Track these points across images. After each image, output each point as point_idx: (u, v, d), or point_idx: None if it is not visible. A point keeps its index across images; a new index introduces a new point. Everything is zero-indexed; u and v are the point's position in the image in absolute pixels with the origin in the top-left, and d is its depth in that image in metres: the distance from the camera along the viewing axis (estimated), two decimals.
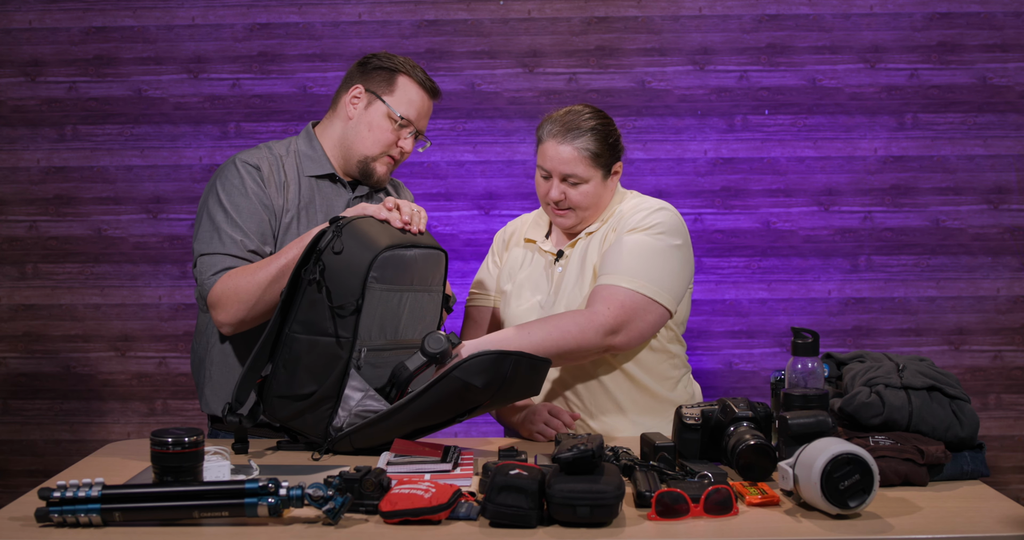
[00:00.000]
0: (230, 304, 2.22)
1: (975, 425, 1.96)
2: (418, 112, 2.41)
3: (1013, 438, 3.82)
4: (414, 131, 2.41)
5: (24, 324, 3.86)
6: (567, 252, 2.40)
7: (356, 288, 2.04)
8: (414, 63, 2.44)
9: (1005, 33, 3.74)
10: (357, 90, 2.40)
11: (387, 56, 2.43)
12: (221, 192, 2.31)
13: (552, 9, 3.78)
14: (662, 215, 2.31)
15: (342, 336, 2.04)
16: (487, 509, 1.65)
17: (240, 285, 2.21)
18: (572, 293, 2.34)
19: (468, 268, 3.77)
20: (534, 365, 2.04)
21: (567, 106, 2.39)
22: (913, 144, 3.78)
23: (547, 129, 2.33)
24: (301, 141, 2.44)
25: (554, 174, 2.32)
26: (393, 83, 2.39)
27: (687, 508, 1.70)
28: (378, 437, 2.08)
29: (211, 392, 2.37)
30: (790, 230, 3.80)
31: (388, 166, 2.42)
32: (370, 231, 2.09)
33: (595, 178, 2.32)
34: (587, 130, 2.30)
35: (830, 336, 3.78)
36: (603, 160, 2.32)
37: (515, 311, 2.42)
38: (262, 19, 3.79)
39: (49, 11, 3.79)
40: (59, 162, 3.83)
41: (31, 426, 3.88)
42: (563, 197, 2.33)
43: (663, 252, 2.27)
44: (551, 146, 2.31)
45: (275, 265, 2.19)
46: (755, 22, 3.77)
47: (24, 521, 1.69)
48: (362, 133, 2.38)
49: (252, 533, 1.64)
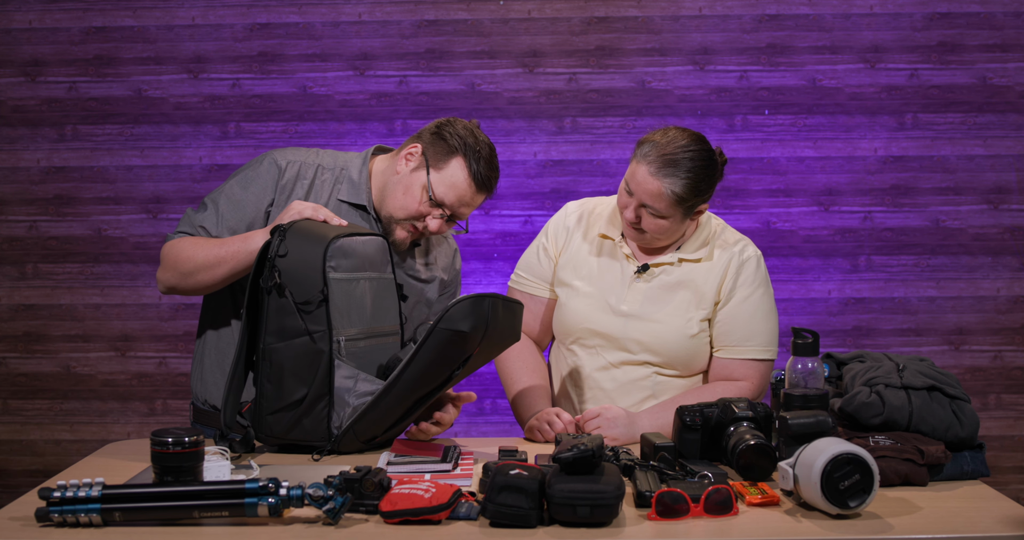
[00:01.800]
0: (168, 267, 2.27)
1: (975, 425, 1.96)
2: (458, 199, 2.26)
3: (1013, 438, 3.82)
4: (447, 215, 2.29)
5: (24, 324, 3.86)
6: (653, 269, 2.34)
7: (317, 280, 2.05)
8: (486, 149, 2.27)
9: (1005, 33, 3.74)
10: (415, 148, 2.29)
11: (465, 130, 2.28)
12: (239, 174, 2.34)
13: (552, 9, 3.78)
14: (759, 265, 2.37)
15: (317, 330, 2.05)
16: (487, 509, 1.65)
17: (181, 256, 2.25)
18: (655, 316, 2.31)
19: (468, 268, 3.77)
20: (509, 306, 2.06)
21: (675, 128, 2.28)
22: (913, 144, 3.78)
23: (643, 152, 2.23)
24: (354, 162, 2.37)
25: (636, 196, 2.24)
26: (447, 161, 2.25)
27: (687, 508, 1.69)
28: (382, 420, 2.07)
29: (200, 386, 2.39)
30: (790, 230, 3.80)
31: (409, 233, 2.30)
32: (314, 228, 2.11)
33: (675, 216, 2.26)
34: (684, 172, 2.20)
35: (830, 336, 3.78)
36: (688, 204, 2.25)
37: (581, 307, 2.36)
38: (262, 19, 3.79)
39: (49, 11, 3.79)
40: (59, 162, 3.83)
41: (31, 426, 3.88)
42: (638, 220, 2.27)
43: (770, 310, 2.37)
44: (641, 171, 2.22)
45: (214, 252, 2.21)
46: (755, 22, 3.77)
47: (24, 521, 1.69)
48: (397, 193, 2.28)
49: (252, 533, 1.64)
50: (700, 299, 2.32)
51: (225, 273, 2.21)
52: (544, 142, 3.80)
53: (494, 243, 3.80)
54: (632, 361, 2.33)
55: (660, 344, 2.30)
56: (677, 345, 2.30)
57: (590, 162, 3.80)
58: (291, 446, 2.12)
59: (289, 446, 2.12)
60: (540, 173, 3.80)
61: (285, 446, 2.12)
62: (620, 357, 2.33)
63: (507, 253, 3.79)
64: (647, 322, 2.31)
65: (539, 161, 3.80)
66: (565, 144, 3.80)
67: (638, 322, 2.31)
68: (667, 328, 2.30)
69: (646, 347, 2.31)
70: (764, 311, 2.34)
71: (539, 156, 3.80)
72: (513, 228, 3.79)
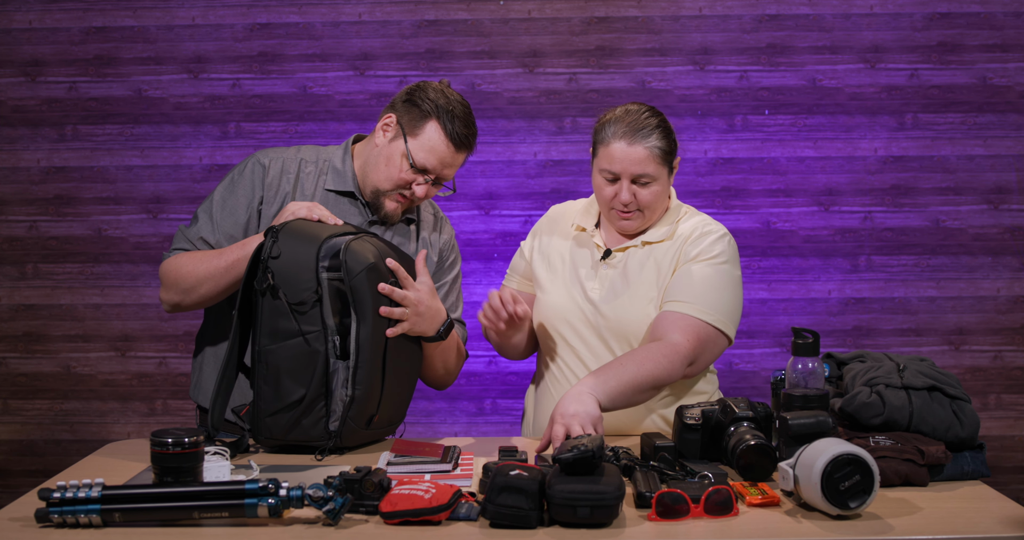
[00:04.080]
0: (169, 286, 2.27)
1: (975, 425, 1.96)
2: (439, 162, 2.29)
3: (1013, 438, 3.82)
4: (432, 179, 2.31)
5: (24, 324, 3.86)
6: (618, 254, 2.36)
7: (311, 281, 2.05)
8: (458, 107, 2.29)
9: (1005, 33, 3.74)
10: (390, 119, 2.31)
11: (435, 92, 2.29)
12: (225, 180, 2.35)
13: (552, 9, 3.78)
14: (725, 243, 2.32)
15: (313, 331, 2.05)
16: (487, 509, 1.65)
17: (182, 272, 2.24)
18: (620, 299, 2.31)
19: (468, 268, 3.77)
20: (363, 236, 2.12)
21: (618, 106, 2.33)
22: (913, 144, 3.78)
23: (611, 130, 2.27)
24: (337, 153, 2.38)
25: (624, 176, 2.27)
26: (421, 126, 2.27)
27: (687, 509, 1.69)
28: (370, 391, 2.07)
29: (197, 388, 2.39)
30: (790, 230, 3.80)
31: (399, 204, 2.32)
32: (307, 227, 2.11)
33: (663, 176, 2.29)
34: (654, 128, 2.26)
35: (830, 336, 3.78)
36: (669, 157, 2.30)
37: (552, 299, 2.37)
38: (262, 19, 3.79)
39: (49, 11, 3.79)
40: (59, 162, 3.83)
41: (31, 426, 3.88)
42: (633, 199, 2.28)
43: (728, 283, 2.29)
44: (619, 148, 2.25)
45: (214, 263, 2.21)
46: (755, 22, 3.77)
47: (24, 521, 1.69)
48: (379, 165, 2.30)
49: (252, 534, 1.64)
50: (660, 276, 2.31)
51: (228, 282, 2.21)
52: (544, 142, 3.80)
53: (494, 243, 3.80)
54: (601, 349, 2.31)
55: (625, 327, 2.29)
56: (641, 326, 2.29)
57: (590, 162, 3.79)
58: (290, 446, 2.12)
59: (288, 446, 2.12)
60: (540, 173, 3.80)
61: (284, 446, 2.12)
62: (591, 346, 2.32)
63: (507, 253, 3.78)
64: (611, 306, 2.31)
65: (539, 161, 3.80)
66: (565, 144, 3.80)
67: (603, 307, 2.31)
68: (630, 311, 2.30)
69: (613, 332, 2.30)
70: (722, 282, 2.27)
71: (539, 156, 3.80)
72: (513, 228, 3.79)
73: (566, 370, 2.35)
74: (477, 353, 3.78)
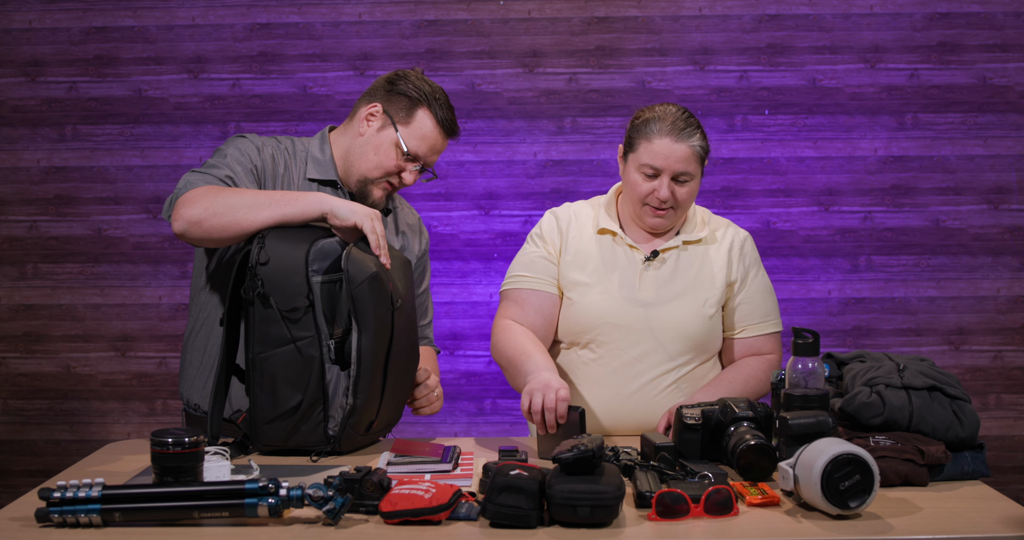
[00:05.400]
0: (193, 202, 2.08)
1: (976, 425, 1.96)
2: (430, 149, 2.31)
3: (1013, 438, 3.82)
4: (420, 165, 2.33)
5: (24, 324, 3.86)
6: (663, 255, 2.36)
7: (301, 286, 2.02)
8: (441, 94, 2.33)
9: (1005, 33, 3.74)
10: (375, 108, 2.31)
11: (418, 79, 2.32)
12: (225, 146, 2.28)
13: (552, 9, 3.78)
14: (752, 241, 2.47)
15: (306, 337, 2.02)
16: (487, 509, 1.65)
17: (222, 192, 2.10)
18: (676, 300, 2.33)
19: (468, 268, 3.77)
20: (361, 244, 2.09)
21: (655, 105, 2.36)
22: (913, 144, 3.78)
23: (657, 127, 2.29)
24: (314, 143, 2.38)
25: (665, 172, 2.28)
26: (412, 114, 2.29)
27: (687, 508, 1.69)
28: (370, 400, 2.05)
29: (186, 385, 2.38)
30: (790, 230, 3.80)
31: (385, 191, 2.33)
32: (291, 232, 2.07)
33: (698, 175, 2.34)
34: (696, 127, 2.31)
35: (830, 336, 3.78)
36: (705, 158, 2.35)
37: (598, 301, 2.34)
38: (262, 19, 3.79)
39: (49, 11, 3.79)
40: (59, 162, 3.83)
41: (31, 426, 3.88)
42: (670, 196, 2.30)
43: (770, 283, 2.48)
44: (664, 144, 2.27)
45: (262, 194, 2.10)
46: (755, 22, 3.77)
47: (24, 521, 1.69)
48: (367, 154, 2.30)
49: (252, 533, 1.64)
50: (711, 280, 2.36)
51: (269, 217, 2.06)
52: (544, 142, 3.80)
53: (494, 243, 3.80)
54: (653, 352, 2.30)
55: (683, 328, 2.31)
56: (698, 327, 2.32)
57: (590, 162, 3.80)
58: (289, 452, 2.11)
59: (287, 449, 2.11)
60: (540, 173, 3.80)
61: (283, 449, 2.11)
62: (641, 350, 2.31)
63: (507, 253, 3.78)
64: (666, 307, 2.32)
65: (539, 161, 3.80)
66: (565, 144, 3.80)
67: (657, 309, 2.31)
68: (687, 311, 2.32)
69: (669, 334, 2.30)
70: (769, 286, 2.46)
71: (539, 156, 3.80)
72: (513, 228, 3.79)
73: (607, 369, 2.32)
74: (477, 353, 3.78)
